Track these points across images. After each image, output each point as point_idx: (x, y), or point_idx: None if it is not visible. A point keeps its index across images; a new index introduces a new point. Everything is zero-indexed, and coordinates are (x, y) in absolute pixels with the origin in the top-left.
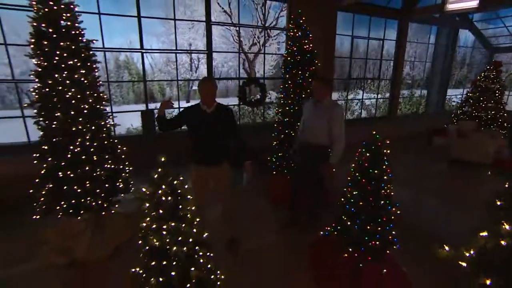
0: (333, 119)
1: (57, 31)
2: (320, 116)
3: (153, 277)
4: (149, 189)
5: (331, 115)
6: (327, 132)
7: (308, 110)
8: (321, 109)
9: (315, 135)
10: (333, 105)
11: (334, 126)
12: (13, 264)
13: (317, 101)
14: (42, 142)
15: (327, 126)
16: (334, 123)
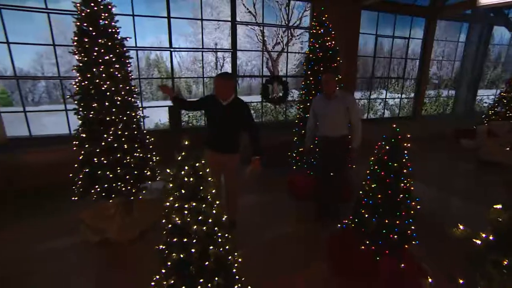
0: (350, 108)
1: (96, 29)
2: (338, 109)
3: (174, 253)
4: (173, 170)
5: (348, 105)
6: (345, 122)
7: (321, 106)
8: (336, 102)
9: (336, 128)
10: (345, 95)
11: (352, 114)
12: (58, 238)
13: (328, 96)
14: (80, 130)
15: (345, 117)
16: (352, 111)
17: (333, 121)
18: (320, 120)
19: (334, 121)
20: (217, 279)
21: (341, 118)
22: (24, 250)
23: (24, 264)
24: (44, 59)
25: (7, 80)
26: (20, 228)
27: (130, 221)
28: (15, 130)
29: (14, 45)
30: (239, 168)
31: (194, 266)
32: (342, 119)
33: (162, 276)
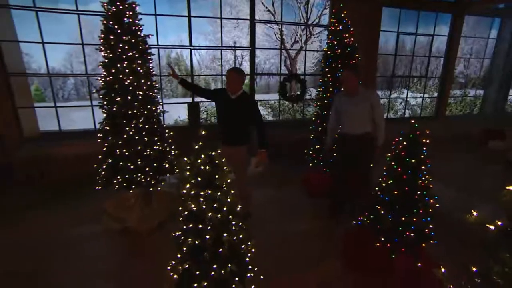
0: (374, 105)
1: (121, 27)
2: (361, 106)
3: (190, 238)
4: (190, 158)
5: (372, 102)
6: (368, 119)
7: (343, 104)
8: (359, 99)
9: (358, 125)
10: (369, 92)
11: (376, 111)
12: (83, 225)
13: (351, 92)
14: (105, 123)
15: (368, 114)
16: (376, 108)
17: (355, 118)
18: (341, 117)
19: (355, 118)
20: (230, 266)
21: (363, 115)
22: (52, 235)
23: (52, 247)
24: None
25: (41, 78)
26: (49, 215)
27: (149, 211)
28: (47, 125)
29: (47, 45)
30: (247, 160)
31: (209, 252)
32: (364, 116)
33: (178, 261)
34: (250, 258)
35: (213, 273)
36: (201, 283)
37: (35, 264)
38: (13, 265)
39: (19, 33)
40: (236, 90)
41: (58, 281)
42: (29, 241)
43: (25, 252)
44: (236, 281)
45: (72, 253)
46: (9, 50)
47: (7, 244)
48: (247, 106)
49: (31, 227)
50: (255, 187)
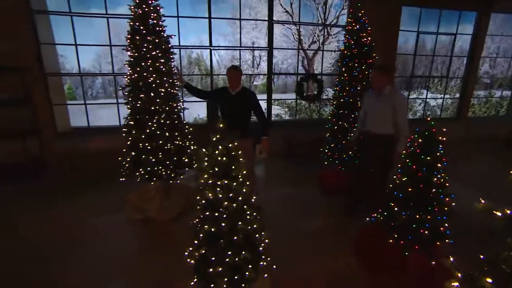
0: (396, 108)
1: (146, 28)
2: (383, 106)
3: (206, 226)
4: (208, 150)
5: (394, 104)
6: (390, 121)
7: (369, 101)
8: (383, 99)
9: (380, 125)
10: (394, 93)
11: (397, 114)
12: (107, 214)
13: (378, 92)
14: (129, 118)
15: (390, 116)
16: (398, 111)
17: (376, 117)
18: (366, 114)
19: (376, 118)
20: (244, 253)
21: (384, 116)
22: (78, 221)
23: (78, 232)
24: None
25: (73, 77)
26: (77, 203)
27: (169, 203)
28: (77, 121)
29: (79, 47)
30: (252, 152)
31: (224, 239)
32: (384, 117)
33: (195, 247)
34: (263, 248)
35: (227, 259)
36: (216, 269)
37: (63, 245)
38: (44, 245)
39: (55, 36)
40: (236, 86)
41: (82, 263)
42: (58, 225)
43: (55, 235)
44: (249, 268)
45: (96, 239)
46: (47, 52)
47: (40, 226)
48: (248, 100)
49: (61, 212)
50: (272, 185)
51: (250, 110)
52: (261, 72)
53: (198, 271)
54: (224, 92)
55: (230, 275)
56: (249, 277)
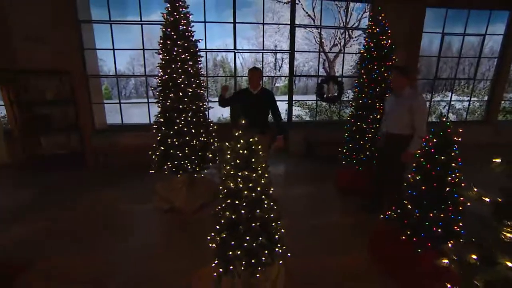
0: (413, 109)
1: (177, 33)
2: (401, 107)
3: (227, 213)
4: (231, 143)
5: (412, 105)
6: (407, 122)
7: (389, 103)
8: (402, 100)
9: (395, 125)
10: (414, 95)
11: (415, 115)
12: (137, 203)
13: (398, 93)
14: (159, 116)
15: (407, 116)
16: (415, 113)
17: (394, 116)
18: (387, 115)
19: (394, 117)
20: (261, 239)
21: (401, 116)
22: (111, 209)
23: (110, 219)
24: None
25: (109, 78)
26: (110, 193)
27: (193, 194)
28: (112, 119)
29: (115, 51)
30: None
31: (243, 225)
32: (402, 118)
33: (216, 232)
34: (279, 236)
35: (245, 244)
36: (235, 252)
37: (97, 230)
38: (74, 233)
39: (96, 41)
40: (257, 86)
41: (113, 247)
42: (93, 212)
43: (90, 220)
44: (265, 253)
45: (126, 224)
46: (89, 56)
47: (72, 215)
48: (268, 98)
49: (95, 201)
50: (291, 183)
51: (269, 107)
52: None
53: (218, 254)
54: (246, 92)
55: (248, 259)
56: (265, 261)
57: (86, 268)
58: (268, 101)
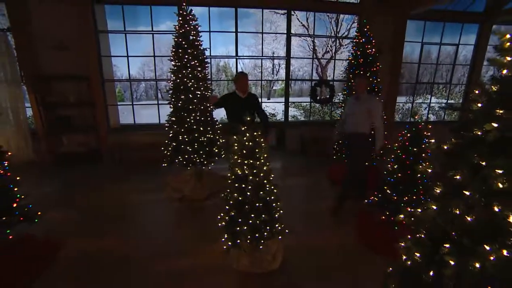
0: (372, 110)
1: (187, 42)
2: (362, 108)
3: (235, 194)
4: (238, 136)
5: (370, 107)
6: (367, 121)
7: (350, 105)
8: (362, 102)
9: (356, 125)
10: (371, 98)
11: (374, 116)
12: (151, 193)
13: (357, 96)
14: (171, 115)
15: (367, 116)
16: (374, 113)
17: (355, 117)
18: (347, 116)
19: (355, 119)
20: (263, 216)
21: (362, 117)
22: (127, 199)
23: (126, 208)
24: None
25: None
26: (125, 185)
27: (201, 185)
28: (124, 119)
29: (125, 57)
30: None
31: (248, 205)
32: (363, 118)
33: (226, 211)
34: (278, 215)
35: (250, 221)
36: (242, 227)
37: (114, 219)
38: (96, 220)
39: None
40: (246, 91)
41: (130, 233)
42: (110, 202)
43: (108, 210)
44: (267, 229)
45: (141, 213)
46: (105, 63)
47: (95, 204)
48: (255, 102)
49: (112, 192)
50: (288, 175)
51: (256, 109)
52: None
53: (227, 230)
54: (234, 96)
55: (252, 234)
56: (266, 236)
57: (113, 246)
58: (255, 104)
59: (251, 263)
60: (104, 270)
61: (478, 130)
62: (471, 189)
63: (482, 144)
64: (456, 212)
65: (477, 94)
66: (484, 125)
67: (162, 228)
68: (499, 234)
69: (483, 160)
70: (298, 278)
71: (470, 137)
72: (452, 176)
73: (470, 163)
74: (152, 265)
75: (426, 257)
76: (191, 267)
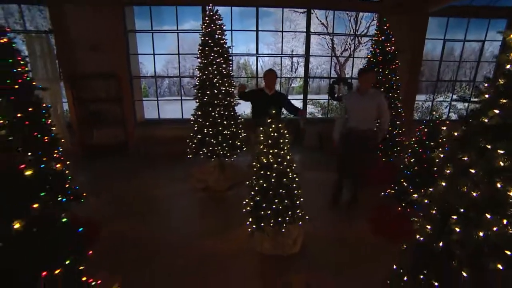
0: (382, 104)
1: (213, 41)
2: (372, 104)
3: (261, 181)
4: (264, 128)
5: (379, 102)
6: (375, 117)
7: (353, 101)
8: (371, 98)
9: (364, 121)
10: (378, 92)
11: (384, 109)
12: (176, 184)
13: (362, 92)
14: (197, 110)
15: (375, 112)
16: (384, 107)
17: (362, 113)
18: (350, 113)
19: (363, 114)
20: (286, 201)
21: (371, 113)
22: (153, 189)
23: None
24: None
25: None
26: (151, 176)
27: (224, 176)
28: (148, 114)
29: (150, 55)
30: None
31: (272, 191)
32: (371, 114)
33: (251, 197)
34: (299, 202)
35: (274, 206)
36: (266, 212)
37: (142, 206)
38: (126, 207)
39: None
40: (272, 88)
41: (156, 220)
42: (138, 191)
43: (136, 198)
44: (289, 214)
45: (166, 203)
46: (132, 61)
47: (123, 193)
48: (282, 99)
49: (139, 183)
50: (306, 170)
51: (285, 106)
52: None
53: (252, 214)
54: (261, 93)
55: (275, 218)
56: (288, 220)
57: (143, 229)
58: (281, 103)
59: (273, 247)
60: (137, 252)
61: (484, 118)
62: (477, 168)
63: (488, 130)
64: (463, 189)
65: (486, 87)
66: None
67: (188, 215)
68: (501, 207)
69: (488, 144)
70: (317, 262)
71: (477, 124)
72: (461, 158)
73: (477, 146)
74: (180, 248)
75: (437, 230)
76: (217, 250)
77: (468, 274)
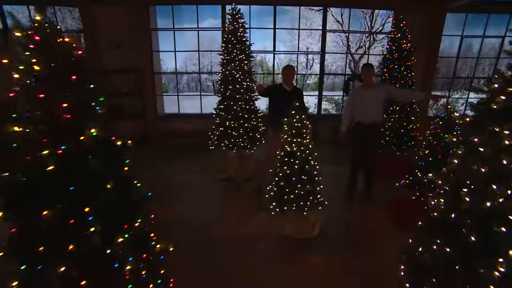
0: (392, 91)
1: (236, 39)
2: (380, 96)
3: (285, 167)
4: (288, 120)
5: (387, 91)
6: (381, 109)
7: (361, 96)
8: (377, 90)
9: (373, 115)
10: (381, 85)
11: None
12: (198, 173)
13: (367, 86)
14: (220, 103)
15: (383, 104)
16: (395, 92)
17: (370, 109)
18: (359, 108)
19: (370, 109)
20: (308, 187)
21: (379, 106)
22: (175, 178)
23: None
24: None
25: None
26: (173, 166)
27: (243, 168)
28: (167, 108)
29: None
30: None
31: (295, 177)
32: (379, 107)
33: (275, 181)
34: (320, 189)
35: (297, 191)
36: (289, 196)
37: (169, 192)
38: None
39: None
40: (291, 83)
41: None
42: (160, 181)
43: (162, 185)
44: (310, 199)
45: (190, 189)
46: (154, 58)
47: (152, 181)
48: (299, 95)
49: (162, 172)
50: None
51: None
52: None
53: (275, 199)
54: (279, 89)
55: (297, 202)
56: (309, 205)
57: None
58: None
59: (293, 230)
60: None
61: (494, 104)
62: (486, 147)
63: (495, 113)
64: (473, 166)
65: (497, 78)
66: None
67: (210, 203)
68: (506, 180)
69: (496, 126)
70: (334, 245)
71: (487, 109)
72: (472, 139)
73: (487, 129)
74: (206, 231)
75: (449, 203)
76: (241, 233)
77: (475, 238)
